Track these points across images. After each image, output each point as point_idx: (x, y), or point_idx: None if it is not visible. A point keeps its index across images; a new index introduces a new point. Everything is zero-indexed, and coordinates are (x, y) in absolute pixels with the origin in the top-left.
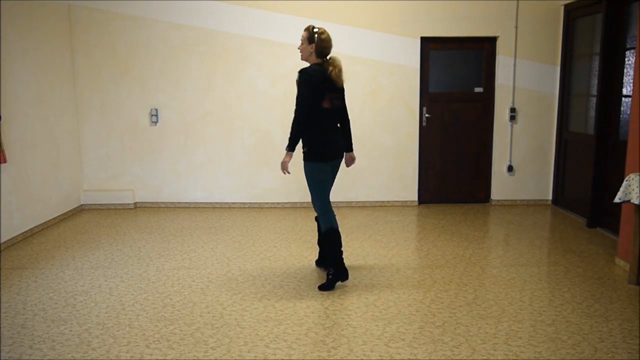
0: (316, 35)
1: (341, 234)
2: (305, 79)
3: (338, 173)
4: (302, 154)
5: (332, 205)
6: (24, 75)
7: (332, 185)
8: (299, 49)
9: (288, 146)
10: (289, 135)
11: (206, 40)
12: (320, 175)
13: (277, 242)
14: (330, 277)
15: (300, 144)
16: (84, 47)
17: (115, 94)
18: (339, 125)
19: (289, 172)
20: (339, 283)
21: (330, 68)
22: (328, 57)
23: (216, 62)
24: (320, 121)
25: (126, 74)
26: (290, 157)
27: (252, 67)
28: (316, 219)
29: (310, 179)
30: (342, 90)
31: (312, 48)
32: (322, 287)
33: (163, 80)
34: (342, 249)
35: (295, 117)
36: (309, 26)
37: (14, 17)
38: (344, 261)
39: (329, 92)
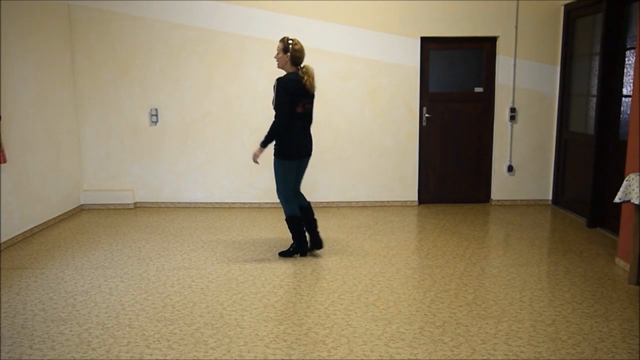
0: (290, 46)
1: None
2: (283, 87)
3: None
4: (273, 150)
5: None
6: (24, 75)
7: (301, 178)
8: (275, 58)
9: (262, 142)
10: (266, 133)
11: (206, 40)
12: (286, 171)
13: (277, 242)
14: (291, 249)
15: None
16: (84, 47)
17: (115, 94)
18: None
19: (257, 163)
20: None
21: (305, 77)
22: (302, 66)
23: (216, 62)
24: (293, 124)
25: (126, 74)
26: (262, 152)
27: (252, 67)
28: (286, 220)
29: (277, 174)
30: (314, 95)
31: (287, 57)
32: (282, 254)
33: (163, 80)
34: (304, 225)
35: (275, 121)
36: (284, 37)
37: (14, 17)
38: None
39: (302, 98)
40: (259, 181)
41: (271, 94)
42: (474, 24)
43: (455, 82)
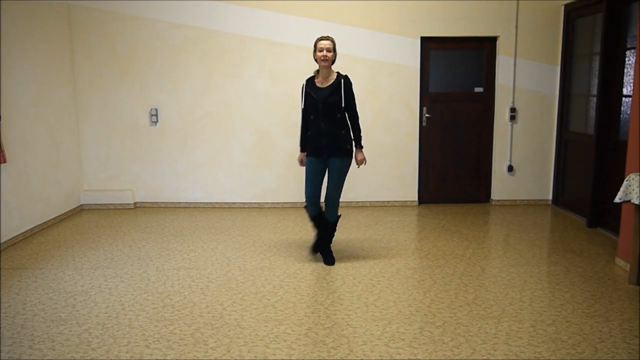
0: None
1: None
2: (351, 83)
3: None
4: (344, 150)
5: None
6: (24, 75)
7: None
8: (327, 57)
9: (361, 143)
10: (360, 134)
11: (206, 40)
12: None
13: (277, 242)
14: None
15: (326, 140)
16: (84, 47)
17: (115, 94)
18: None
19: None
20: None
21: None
22: None
23: (216, 62)
24: None
25: (126, 74)
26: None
27: (252, 67)
28: (335, 220)
29: (345, 173)
30: None
31: (334, 55)
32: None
33: (163, 80)
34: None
35: (358, 117)
36: (330, 36)
37: (14, 17)
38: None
39: None
40: (259, 181)
41: (272, 94)
42: (474, 24)
43: (455, 82)
